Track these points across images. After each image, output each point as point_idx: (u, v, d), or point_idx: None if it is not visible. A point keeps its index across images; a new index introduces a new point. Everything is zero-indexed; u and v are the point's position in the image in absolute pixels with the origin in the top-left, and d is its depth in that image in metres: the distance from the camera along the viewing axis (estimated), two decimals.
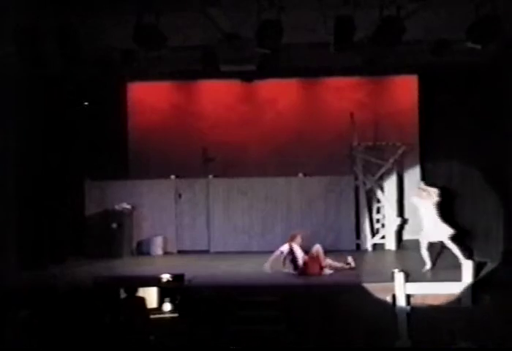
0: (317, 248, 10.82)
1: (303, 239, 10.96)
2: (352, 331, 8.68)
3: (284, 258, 10.80)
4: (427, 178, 14.14)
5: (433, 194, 11.27)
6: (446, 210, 12.44)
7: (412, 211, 14.18)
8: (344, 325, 8.82)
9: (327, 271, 10.67)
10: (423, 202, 11.14)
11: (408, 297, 8.67)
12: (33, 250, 11.26)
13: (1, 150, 10.47)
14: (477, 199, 12.00)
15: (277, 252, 10.78)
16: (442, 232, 10.80)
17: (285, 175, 13.70)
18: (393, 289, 8.71)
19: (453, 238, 10.78)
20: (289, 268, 10.74)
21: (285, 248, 10.77)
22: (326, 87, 14.40)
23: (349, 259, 11.17)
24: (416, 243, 13.93)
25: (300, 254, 10.72)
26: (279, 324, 8.91)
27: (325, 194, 13.65)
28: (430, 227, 10.92)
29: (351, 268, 10.96)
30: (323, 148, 13.86)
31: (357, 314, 8.97)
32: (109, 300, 8.81)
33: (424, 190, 11.40)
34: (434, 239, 10.93)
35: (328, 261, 10.85)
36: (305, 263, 10.65)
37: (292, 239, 10.91)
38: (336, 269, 10.79)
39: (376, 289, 9.25)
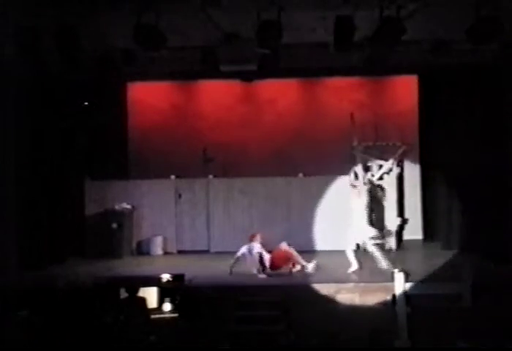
0: (284, 245, 10.76)
1: (263, 238, 10.95)
2: (352, 331, 8.68)
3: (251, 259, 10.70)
4: (427, 178, 14.20)
5: (363, 192, 11.23)
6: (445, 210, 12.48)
7: (413, 211, 14.25)
8: (344, 324, 8.83)
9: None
10: (354, 199, 11.05)
11: (408, 297, 8.67)
12: (33, 250, 11.26)
13: (1, 150, 10.47)
14: (477, 199, 12.00)
15: (238, 254, 10.72)
16: (365, 233, 10.73)
17: (285, 175, 13.69)
18: (393, 289, 8.70)
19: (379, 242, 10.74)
20: (255, 269, 10.60)
21: (244, 249, 10.74)
22: (326, 87, 14.41)
23: (312, 263, 10.77)
24: (417, 243, 14.00)
25: (260, 252, 10.67)
26: (279, 324, 8.91)
27: (325, 194, 13.65)
28: (357, 226, 10.86)
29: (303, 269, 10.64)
30: (323, 148, 13.87)
31: (357, 314, 8.98)
32: (109, 300, 8.81)
33: (355, 187, 11.31)
34: (358, 239, 10.87)
35: (297, 257, 10.69)
36: (271, 260, 10.62)
37: (251, 239, 10.90)
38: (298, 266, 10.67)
39: (376, 289, 9.25)
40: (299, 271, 10.61)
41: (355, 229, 10.88)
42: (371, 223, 10.94)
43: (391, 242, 13.33)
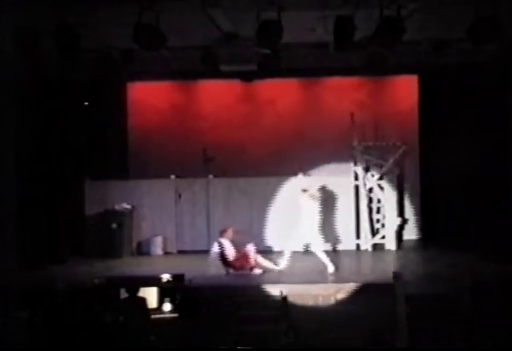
0: (250, 246, 10.82)
1: (235, 233, 11.05)
2: (352, 331, 8.68)
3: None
4: (427, 179, 14.20)
5: (316, 198, 11.28)
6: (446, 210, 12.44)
7: (413, 211, 14.26)
8: (344, 324, 8.82)
9: (257, 271, 10.71)
10: (306, 204, 11.07)
11: (408, 297, 8.66)
12: (33, 250, 11.26)
13: (1, 150, 10.47)
14: (477, 199, 12.00)
15: (212, 255, 10.84)
16: (312, 238, 10.85)
17: (285, 175, 13.69)
18: (393, 289, 8.70)
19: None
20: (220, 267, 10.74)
21: (216, 247, 10.84)
22: (326, 87, 14.43)
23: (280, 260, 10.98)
24: (417, 243, 13.97)
25: (230, 251, 10.77)
26: (279, 324, 8.91)
27: (325, 194, 13.65)
28: (306, 230, 10.90)
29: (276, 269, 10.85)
30: (323, 148, 13.88)
31: (357, 314, 8.97)
32: (109, 300, 8.81)
33: (305, 192, 11.32)
34: (306, 242, 10.92)
35: (259, 259, 10.83)
36: (235, 259, 10.72)
37: (222, 234, 10.96)
38: (263, 268, 10.82)
39: (376, 289, 9.25)
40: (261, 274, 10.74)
41: (301, 231, 10.88)
42: (320, 228, 11.08)
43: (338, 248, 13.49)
